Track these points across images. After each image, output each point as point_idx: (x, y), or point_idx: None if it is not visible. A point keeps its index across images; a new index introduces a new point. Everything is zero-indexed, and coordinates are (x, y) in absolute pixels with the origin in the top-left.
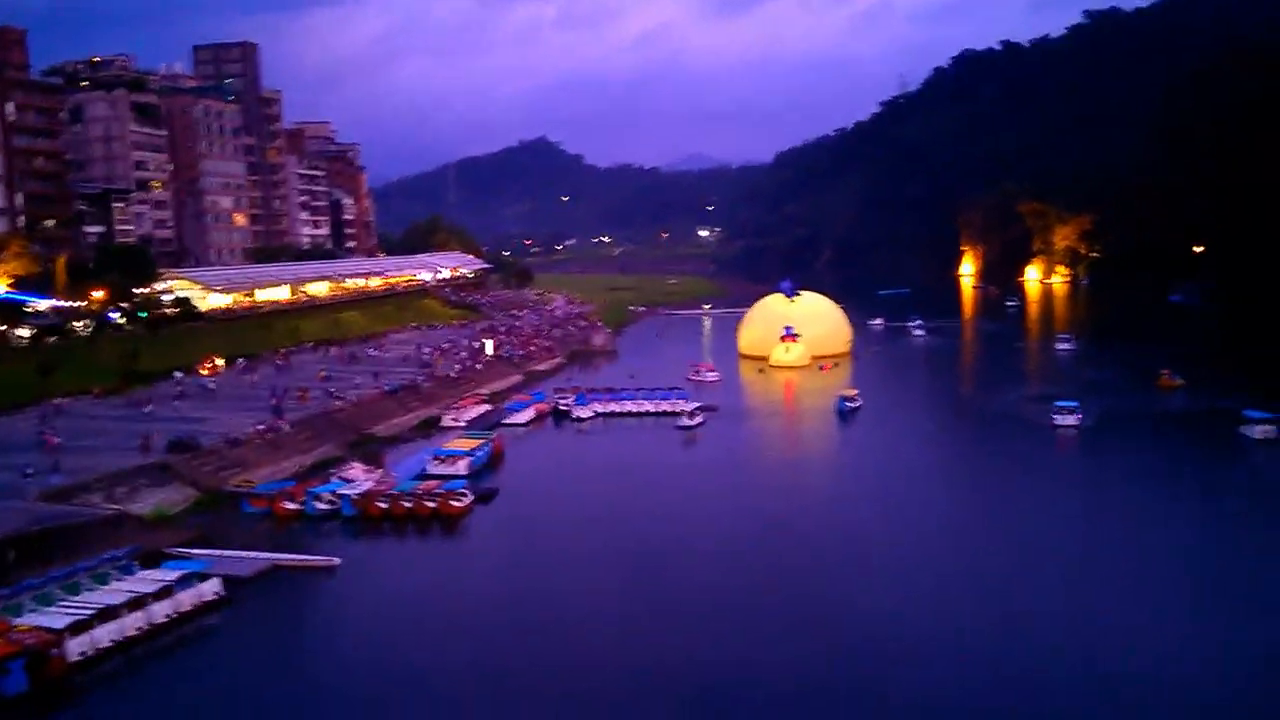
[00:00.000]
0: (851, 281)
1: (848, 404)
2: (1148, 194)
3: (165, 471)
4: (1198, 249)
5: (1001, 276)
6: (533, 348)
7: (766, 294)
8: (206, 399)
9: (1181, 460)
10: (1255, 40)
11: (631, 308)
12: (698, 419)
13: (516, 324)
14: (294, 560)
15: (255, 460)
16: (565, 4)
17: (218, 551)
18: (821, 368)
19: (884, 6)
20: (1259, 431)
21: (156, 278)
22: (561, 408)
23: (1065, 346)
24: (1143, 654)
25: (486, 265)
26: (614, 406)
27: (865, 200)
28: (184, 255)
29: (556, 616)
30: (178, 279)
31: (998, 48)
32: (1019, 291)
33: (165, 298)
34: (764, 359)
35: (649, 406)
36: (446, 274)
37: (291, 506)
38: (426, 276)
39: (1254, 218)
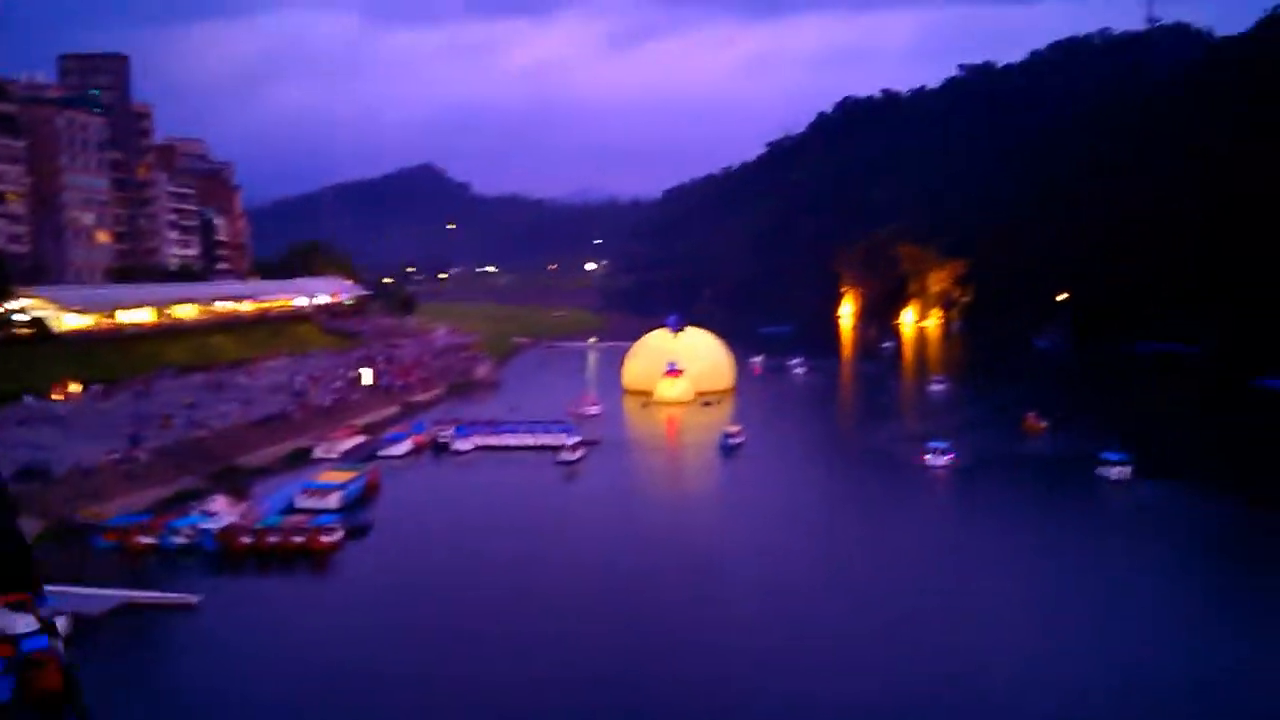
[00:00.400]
0: (736, 319)
1: (730, 440)
2: (1014, 242)
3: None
4: (1060, 297)
5: (880, 318)
6: (412, 378)
7: (652, 329)
8: (59, 425)
9: (1043, 499)
10: (1110, 100)
11: (516, 339)
12: (579, 453)
13: (396, 353)
14: (148, 598)
15: (109, 491)
16: (454, 32)
17: (65, 588)
18: (705, 403)
19: (770, 51)
20: (1115, 473)
21: (10, 295)
22: (441, 440)
23: (938, 388)
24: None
25: (367, 292)
26: (495, 439)
27: (751, 239)
28: (41, 273)
29: (426, 662)
30: (32, 297)
31: (878, 96)
32: (895, 333)
33: (18, 316)
34: (648, 394)
35: (530, 440)
36: (324, 300)
37: (147, 541)
38: (303, 302)
39: (1109, 268)
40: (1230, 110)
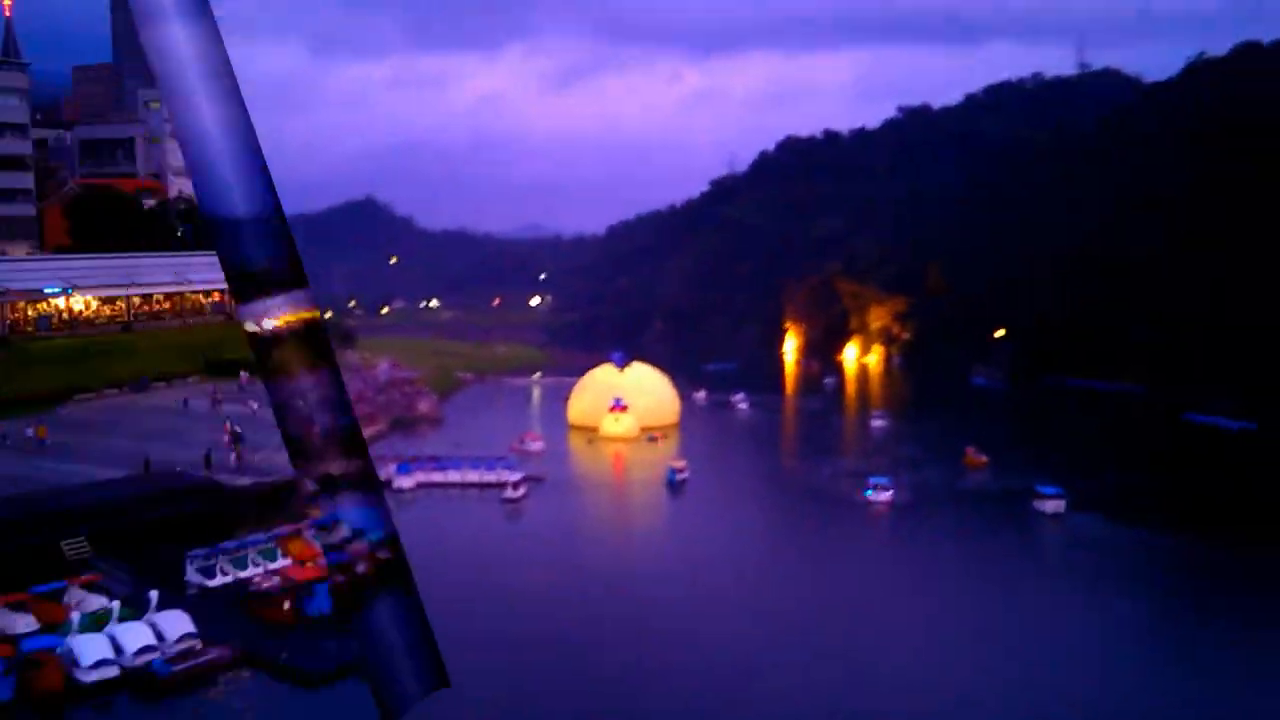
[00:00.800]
0: (680, 354)
1: (677, 475)
2: (953, 280)
3: None
4: (997, 334)
5: (822, 354)
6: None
7: (597, 364)
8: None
9: (979, 533)
10: (1044, 142)
11: (460, 374)
12: (523, 490)
13: None
14: None
15: None
16: (399, 65)
17: None
18: (651, 438)
19: (714, 89)
20: (1050, 506)
21: None
22: (382, 477)
23: (879, 423)
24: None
25: None
26: (437, 476)
27: (694, 275)
28: None
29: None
30: None
31: (819, 135)
32: (838, 369)
33: None
34: (594, 429)
35: (474, 477)
36: None
37: None
38: None
39: (1045, 305)
40: (1163, 152)
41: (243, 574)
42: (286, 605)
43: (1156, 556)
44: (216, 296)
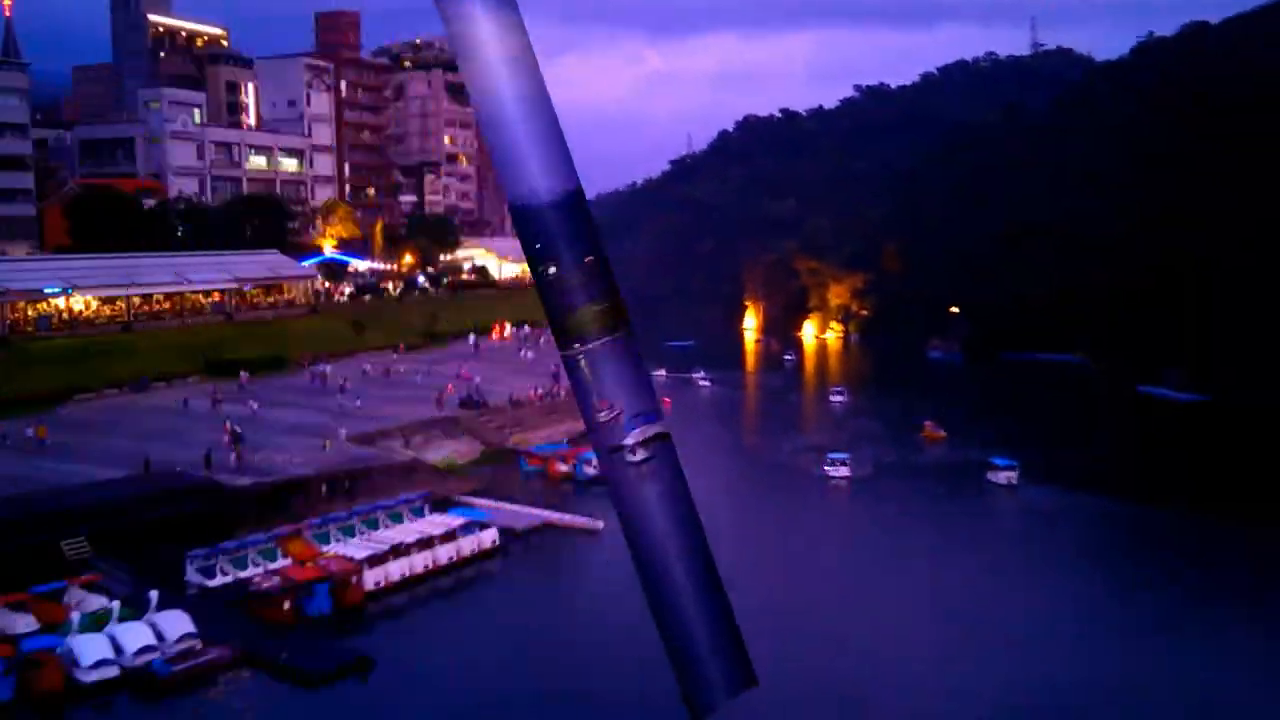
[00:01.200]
0: (641, 332)
1: None
2: (909, 256)
3: (455, 426)
4: (952, 309)
5: (781, 331)
6: None
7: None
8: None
9: (934, 504)
10: (999, 119)
11: None
12: None
13: None
14: (562, 520)
15: (534, 422)
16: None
17: (496, 503)
18: None
19: (675, 70)
20: (1003, 477)
21: (458, 246)
22: None
23: (838, 399)
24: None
25: None
26: None
27: (655, 253)
28: (483, 226)
29: None
30: (477, 248)
31: (778, 114)
32: (797, 345)
33: (465, 265)
34: None
35: None
36: None
37: (563, 468)
38: None
39: (999, 281)
40: (1115, 129)
41: (243, 574)
42: (286, 605)
43: (1104, 523)
44: (216, 296)
